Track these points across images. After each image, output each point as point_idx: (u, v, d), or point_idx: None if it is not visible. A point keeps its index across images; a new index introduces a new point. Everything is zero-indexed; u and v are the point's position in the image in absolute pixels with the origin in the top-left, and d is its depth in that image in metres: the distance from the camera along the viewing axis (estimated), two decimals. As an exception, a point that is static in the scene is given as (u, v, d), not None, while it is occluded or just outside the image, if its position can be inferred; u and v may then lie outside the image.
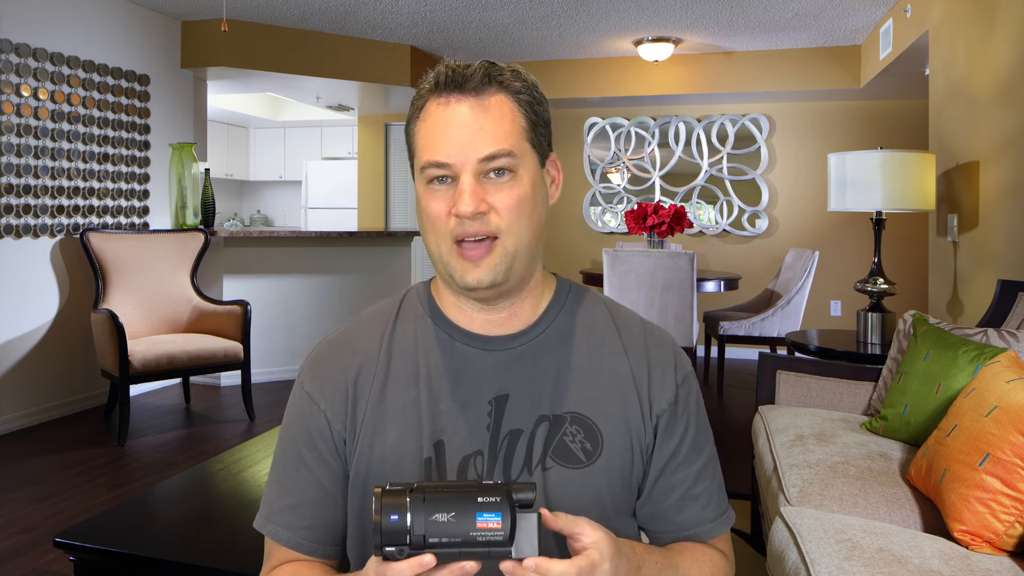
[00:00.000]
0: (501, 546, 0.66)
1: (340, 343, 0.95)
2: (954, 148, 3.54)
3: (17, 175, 4.06)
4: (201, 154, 5.39)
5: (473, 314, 0.92)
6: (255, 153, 9.14)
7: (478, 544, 0.66)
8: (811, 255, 4.79)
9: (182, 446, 3.78)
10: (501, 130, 0.84)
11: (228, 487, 1.85)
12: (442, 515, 0.65)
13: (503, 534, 0.66)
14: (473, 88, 0.84)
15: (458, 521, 0.65)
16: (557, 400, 0.89)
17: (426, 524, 0.65)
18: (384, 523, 0.65)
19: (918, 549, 1.46)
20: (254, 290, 5.07)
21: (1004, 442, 1.50)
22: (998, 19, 3.05)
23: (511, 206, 0.84)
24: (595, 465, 0.88)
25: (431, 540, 0.65)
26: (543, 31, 5.34)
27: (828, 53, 5.68)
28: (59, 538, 1.48)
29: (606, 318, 0.96)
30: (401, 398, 0.90)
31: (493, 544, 0.66)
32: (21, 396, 4.13)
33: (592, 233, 6.83)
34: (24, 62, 4.08)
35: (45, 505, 3.00)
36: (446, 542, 0.65)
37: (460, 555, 0.66)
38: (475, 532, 0.65)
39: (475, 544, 0.65)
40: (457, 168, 0.83)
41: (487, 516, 0.66)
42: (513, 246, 0.85)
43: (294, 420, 0.94)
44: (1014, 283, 2.55)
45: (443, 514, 0.65)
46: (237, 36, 5.15)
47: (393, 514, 0.65)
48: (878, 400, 2.46)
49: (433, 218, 0.85)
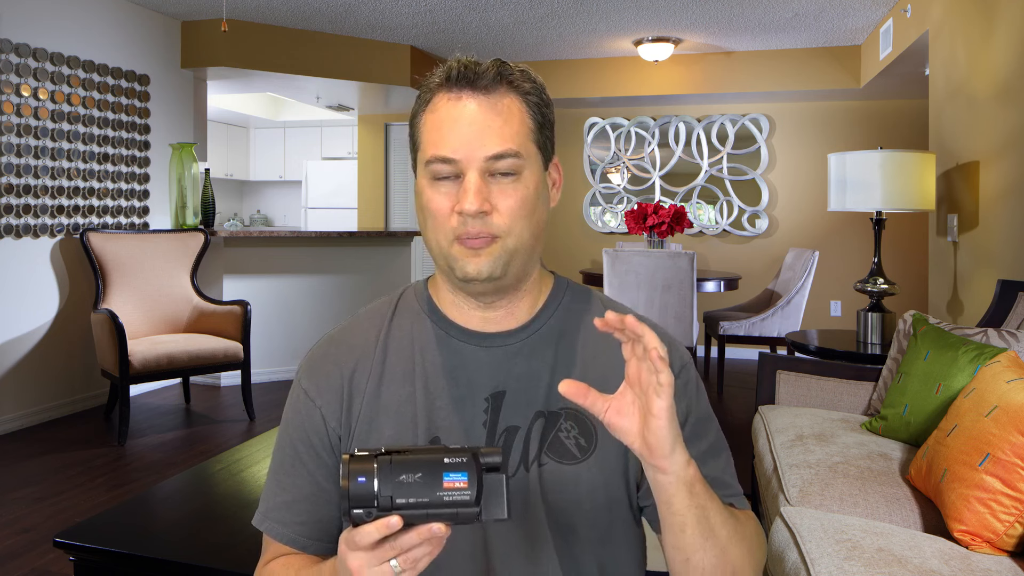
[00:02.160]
0: (468, 507, 0.66)
1: (337, 341, 0.96)
2: (954, 148, 3.54)
3: (17, 175, 4.06)
4: (201, 154, 5.39)
5: (470, 312, 0.92)
6: (255, 153, 9.14)
7: (445, 504, 0.65)
8: (811, 255, 4.79)
9: (182, 446, 3.78)
10: (509, 130, 0.84)
11: (228, 487, 1.85)
12: (408, 476, 0.65)
13: (470, 494, 0.66)
14: (484, 86, 0.84)
15: (424, 482, 0.65)
16: (552, 396, 0.90)
17: (393, 486, 0.65)
18: (351, 486, 0.65)
19: (918, 549, 1.46)
20: (254, 290, 5.07)
21: (1004, 442, 1.50)
22: (998, 19, 3.05)
23: (513, 207, 0.84)
24: (589, 460, 0.89)
25: (398, 501, 0.65)
26: (543, 31, 5.34)
27: (828, 53, 5.68)
28: (59, 538, 1.48)
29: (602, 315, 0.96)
30: (397, 394, 0.91)
31: (460, 504, 0.66)
32: (21, 396, 4.13)
33: (592, 233, 6.82)
34: (24, 62, 4.08)
35: (45, 505, 3.00)
36: (413, 503, 0.65)
37: (428, 516, 0.66)
38: (442, 492, 0.65)
39: (442, 504, 0.65)
40: (463, 165, 0.83)
41: (453, 476, 0.66)
42: (513, 245, 0.85)
43: (291, 418, 0.94)
44: (1014, 283, 2.55)
45: (409, 475, 0.65)
46: (237, 36, 5.15)
47: (360, 476, 0.65)
48: (878, 400, 2.46)
49: (435, 213, 0.85)
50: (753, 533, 0.89)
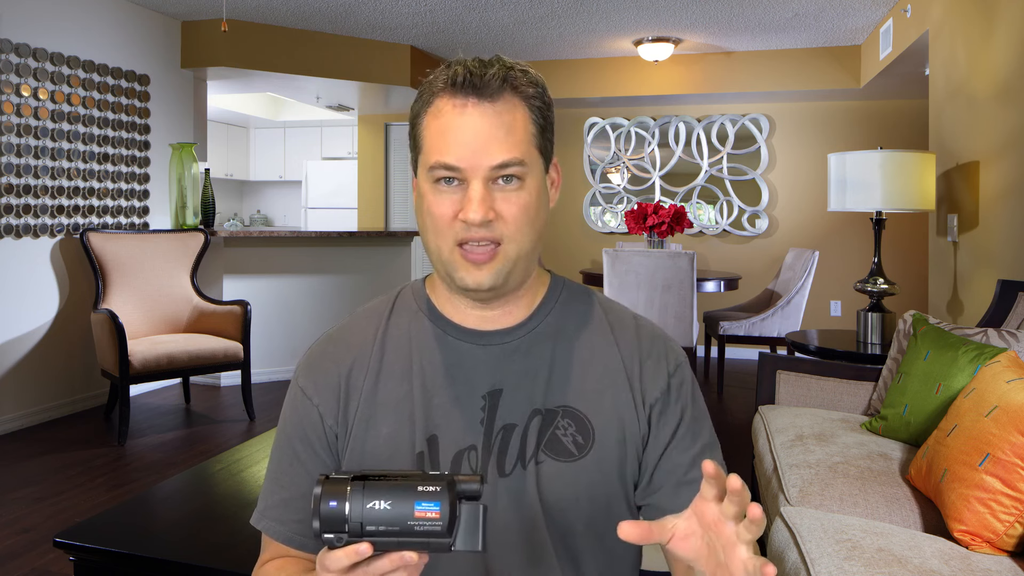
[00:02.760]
0: (440, 536, 0.65)
1: (334, 340, 0.96)
2: (954, 148, 3.54)
3: (17, 175, 4.06)
4: (201, 154, 5.39)
5: (468, 311, 0.92)
6: (255, 153, 9.14)
7: (416, 534, 0.64)
8: (811, 255, 4.80)
9: (182, 446, 3.78)
10: (514, 138, 0.84)
11: (228, 487, 1.85)
12: (380, 503, 0.64)
13: (441, 524, 0.64)
14: (490, 94, 0.84)
15: (395, 510, 0.64)
16: (550, 394, 0.90)
17: (364, 512, 0.64)
18: (322, 509, 0.64)
19: (918, 549, 1.46)
20: (254, 290, 5.07)
21: (1004, 442, 1.50)
22: (998, 19, 3.05)
23: (517, 214, 0.85)
24: (587, 458, 0.89)
25: (368, 528, 0.64)
26: (543, 31, 5.34)
27: (828, 53, 5.68)
28: (59, 538, 1.48)
29: (599, 314, 0.97)
30: (394, 393, 0.91)
31: (432, 535, 0.64)
32: (21, 396, 4.13)
33: (592, 233, 6.82)
34: (24, 62, 4.08)
35: (45, 505, 3.00)
36: (383, 530, 0.64)
37: (399, 544, 0.65)
38: (412, 521, 0.64)
39: (413, 534, 0.64)
40: (467, 173, 0.83)
41: (425, 505, 0.65)
42: (515, 252, 0.86)
43: (289, 416, 0.95)
44: (1014, 283, 2.55)
45: (381, 502, 0.64)
46: (237, 36, 5.15)
47: (332, 500, 0.64)
48: (878, 400, 2.46)
49: (437, 219, 0.85)
50: None
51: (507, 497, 0.87)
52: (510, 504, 0.87)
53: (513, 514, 0.87)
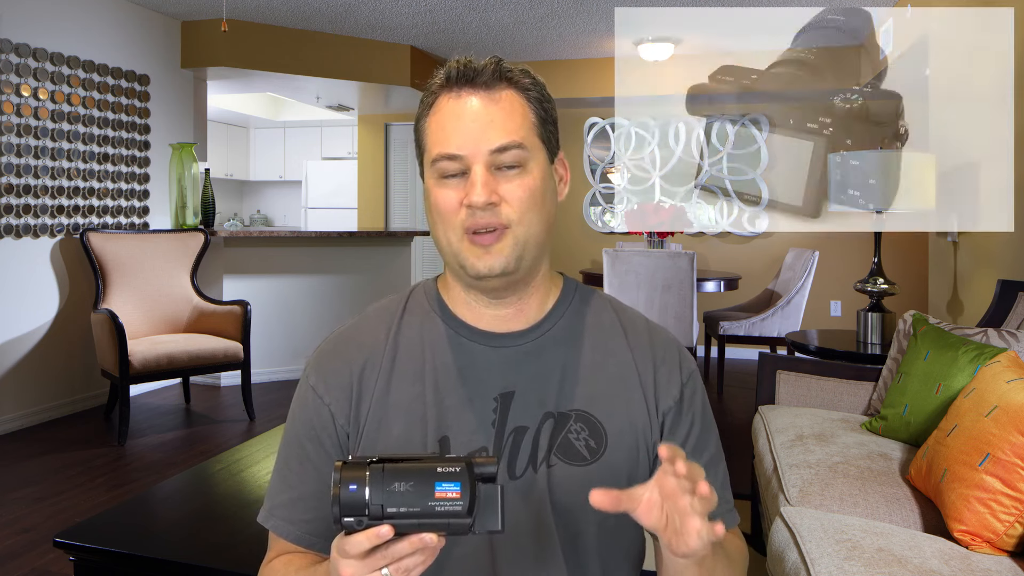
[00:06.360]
0: (460, 517, 0.65)
1: (346, 339, 0.96)
2: (954, 148, 3.54)
3: (17, 175, 4.06)
4: (201, 154, 5.39)
5: (481, 310, 0.92)
6: (255, 153, 9.14)
7: (437, 515, 0.64)
8: (811, 255, 4.79)
9: (182, 446, 3.78)
10: (512, 123, 0.85)
11: (228, 487, 1.85)
12: (400, 484, 0.64)
13: (462, 505, 0.64)
14: (484, 82, 0.86)
15: (416, 491, 0.64)
16: (562, 398, 0.90)
17: (384, 494, 0.64)
18: (342, 494, 0.64)
19: (918, 549, 1.46)
20: (254, 290, 5.07)
21: (1004, 442, 1.50)
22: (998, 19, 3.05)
23: (522, 197, 0.85)
24: (599, 463, 0.88)
25: (389, 510, 0.64)
26: (543, 31, 5.34)
27: (828, 53, 5.68)
28: (59, 538, 1.48)
29: (612, 318, 0.97)
30: (406, 393, 0.90)
31: (452, 515, 0.64)
32: (21, 396, 4.13)
33: (592, 233, 6.82)
34: (24, 62, 4.08)
35: (45, 505, 3.00)
36: (404, 512, 0.64)
37: (420, 526, 0.64)
38: (433, 502, 0.64)
39: (434, 515, 0.64)
40: (468, 160, 0.84)
41: (446, 486, 0.65)
42: (524, 235, 0.86)
43: (298, 415, 0.94)
44: (1014, 283, 2.55)
45: (401, 483, 0.64)
46: (237, 36, 5.15)
47: (352, 484, 0.64)
48: (878, 400, 2.46)
49: (443, 209, 0.86)
50: (740, 557, 0.92)
51: (517, 499, 0.87)
52: (520, 506, 0.87)
53: (523, 516, 0.87)
